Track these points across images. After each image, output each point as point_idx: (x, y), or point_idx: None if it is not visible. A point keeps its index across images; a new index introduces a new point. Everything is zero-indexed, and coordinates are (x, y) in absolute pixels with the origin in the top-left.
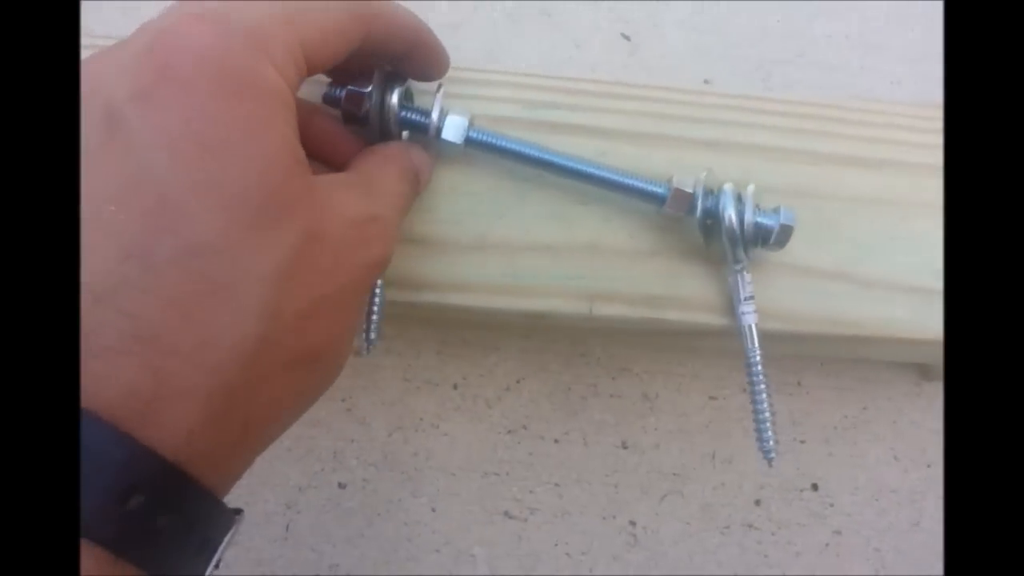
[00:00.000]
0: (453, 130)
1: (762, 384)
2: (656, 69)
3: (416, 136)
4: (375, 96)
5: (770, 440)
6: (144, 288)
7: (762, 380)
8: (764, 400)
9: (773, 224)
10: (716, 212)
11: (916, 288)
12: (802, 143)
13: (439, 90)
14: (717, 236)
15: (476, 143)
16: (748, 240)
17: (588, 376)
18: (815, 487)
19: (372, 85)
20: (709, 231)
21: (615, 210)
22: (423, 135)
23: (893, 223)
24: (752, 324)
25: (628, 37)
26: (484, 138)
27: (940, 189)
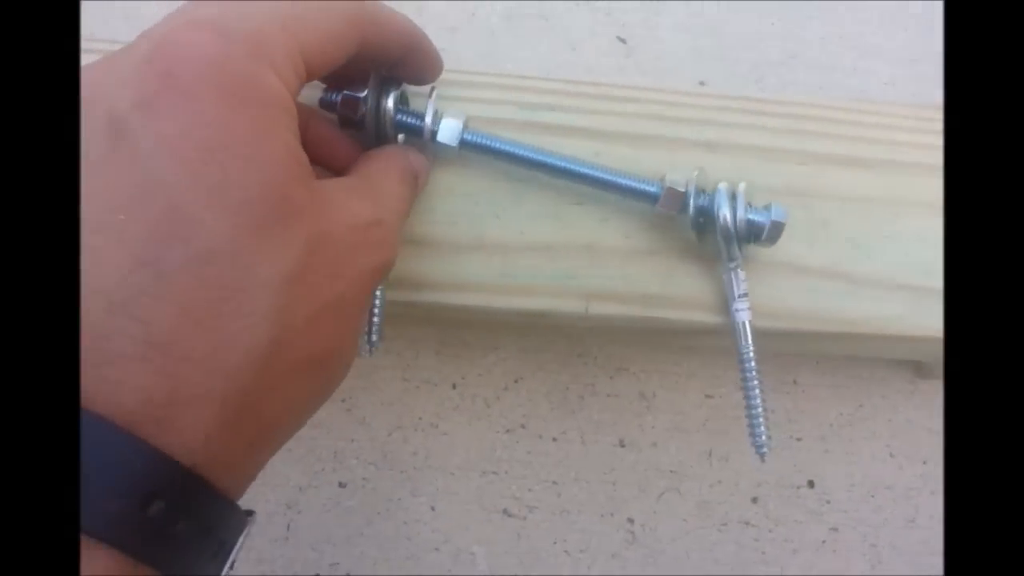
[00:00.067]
0: (448, 132)
1: (755, 380)
2: (652, 71)
3: (412, 139)
4: (371, 100)
5: (762, 435)
6: (157, 295)
7: (755, 376)
8: (757, 396)
9: (765, 221)
10: (709, 210)
11: (909, 286)
12: (796, 143)
13: (432, 93)
14: (710, 234)
15: (471, 145)
16: (741, 237)
17: (586, 375)
18: (811, 484)
19: (367, 89)
20: (702, 229)
21: (611, 210)
22: (419, 138)
23: (886, 222)
24: (746, 321)
25: (624, 40)
26: (479, 140)
27: (933, 188)
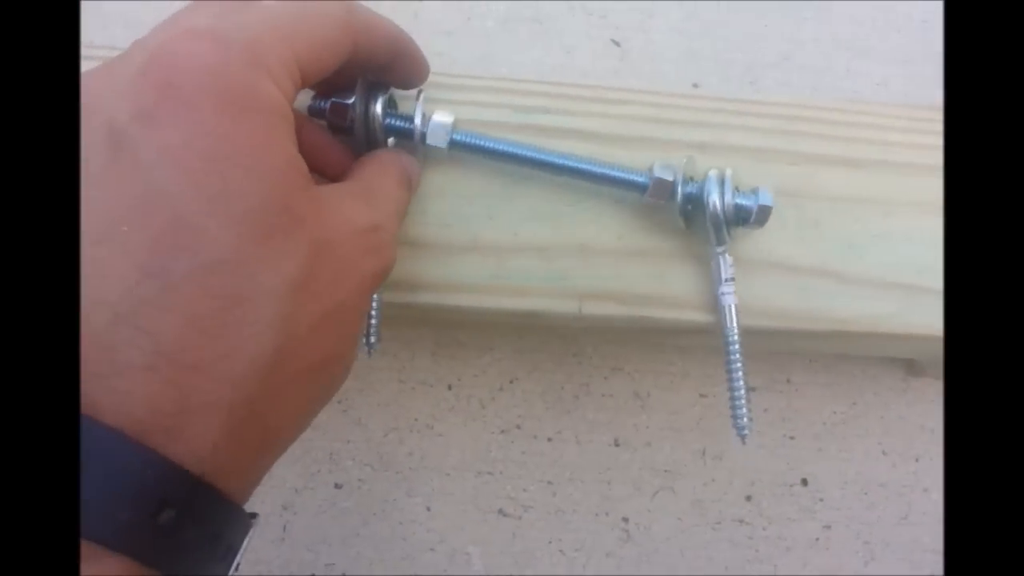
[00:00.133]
0: (437, 134)
1: (738, 363)
2: (646, 74)
3: (401, 141)
4: (359, 106)
5: (744, 417)
6: (163, 306)
7: (738, 359)
8: (740, 378)
9: (752, 204)
10: (697, 197)
11: (899, 284)
12: (788, 144)
13: (419, 96)
14: (699, 220)
15: (460, 145)
16: (729, 221)
17: (580, 376)
18: (805, 482)
19: (355, 96)
20: (690, 216)
21: (604, 211)
22: (409, 140)
23: (877, 221)
24: (731, 304)
25: (618, 43)
26: (468, 139)
27: (924, 188)
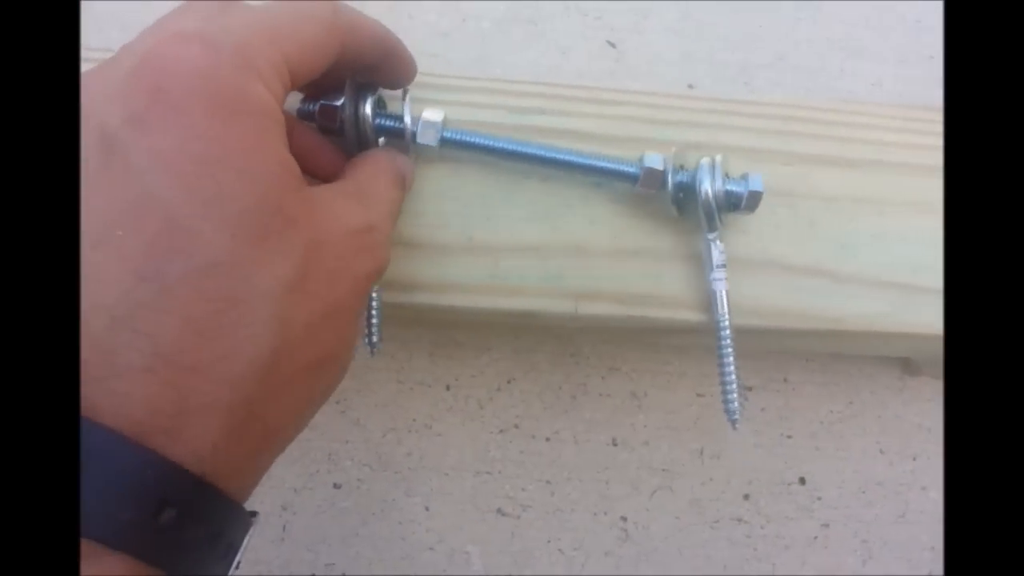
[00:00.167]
0: (427, 132)
1: (729, 348)
2: (641, 75)
3: (392, 141)
4: (348, 108)
5: (735, 402)
6: (160, 308)
7: (729, 344)
8: (731, 364)
9: (742, 191)
10: (688, 186)
11: (894, 283)
12: (782, 144)
13: (406, 95)
14: (691, 208)
15: (451, 142)
16: (721, 207)
17: (578, 376)
18: (802, 481)
19: (344, 97)
20: (682, 204)
21: (599, 212)
22: (400, 139)
23: (871, 220)
24: (722, 291)
25: (614, 44)
26: (458, 136)
27: (918, 187)
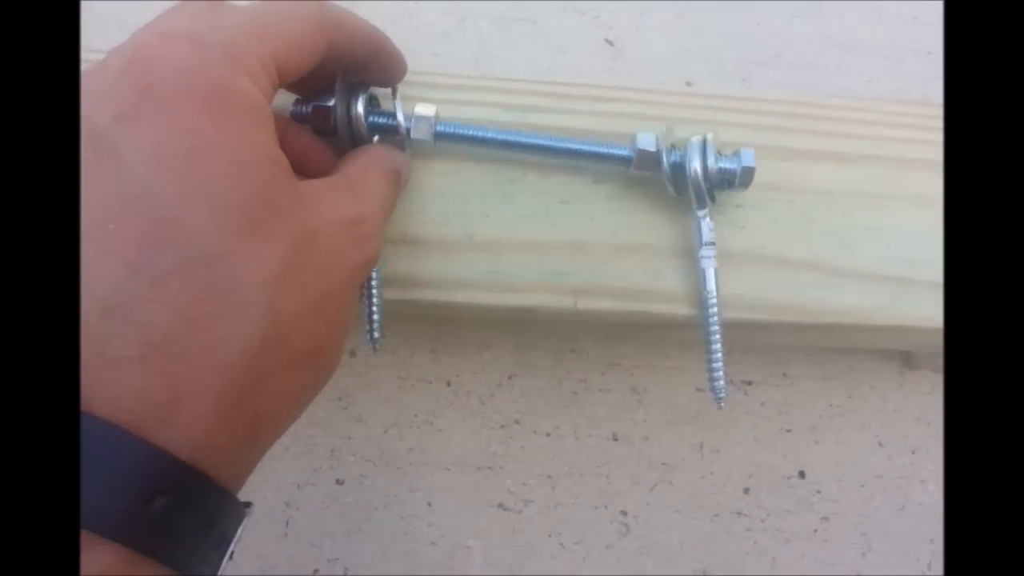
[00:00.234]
0: (421, 127)
1: (716, 326)
2: (639, 73)
3: (387, 138)
4: (340, 108)
5: (720, 380)
6: (152, 298)
7: (716, 322)
8: (718, 342)
9: (735, 167)
10: (681, 165)
11: (891, 277)
12: (780, 140)
13: (396, 93)
14: (685, 186)
15: (445, 136)
16: (714, 185)
17: (578, 371)
18: (802, 475)
19: (335, 98)
20: (677, 183)
21: (597, 208)
22: (394, 137)
23: (868, 215)
24: (710, 268)
25: (611, 42)
26: (452, 130)
27: (914, 181)
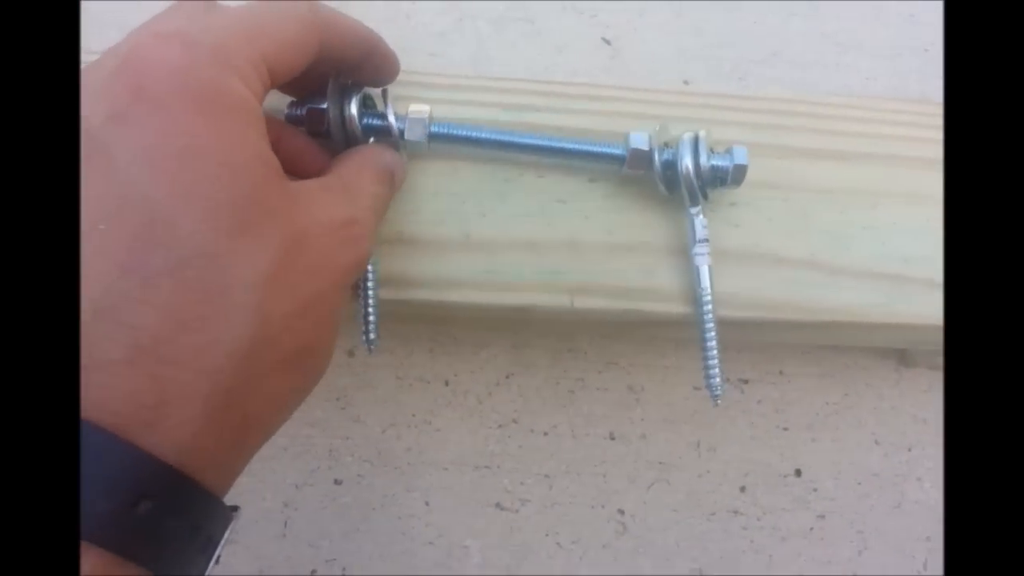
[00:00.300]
0: (415, 129)
1: (711, 323)
2: (637, 72)
3: (382, 139)
4: (334, 110)
5: (716, 378)
6: (142, 300)
7: (711, 319)
8: (713, 339)
9: (727, 165)
10: (673, 163)
11: (887, 275)
12: (776, 138)
13: (385, 95)
14: (678, 185)
15: (439, 136)
16: (706, 182)
17: (575, 370)
18: (798, 473)
19: (328, 100)
20: (670, 181)
21: (592, 207)
22: (389, 138)
23: (864, 212)
24: (705, 266)
25: (609, 41)
26: (446, 130)
27: (910, 179)
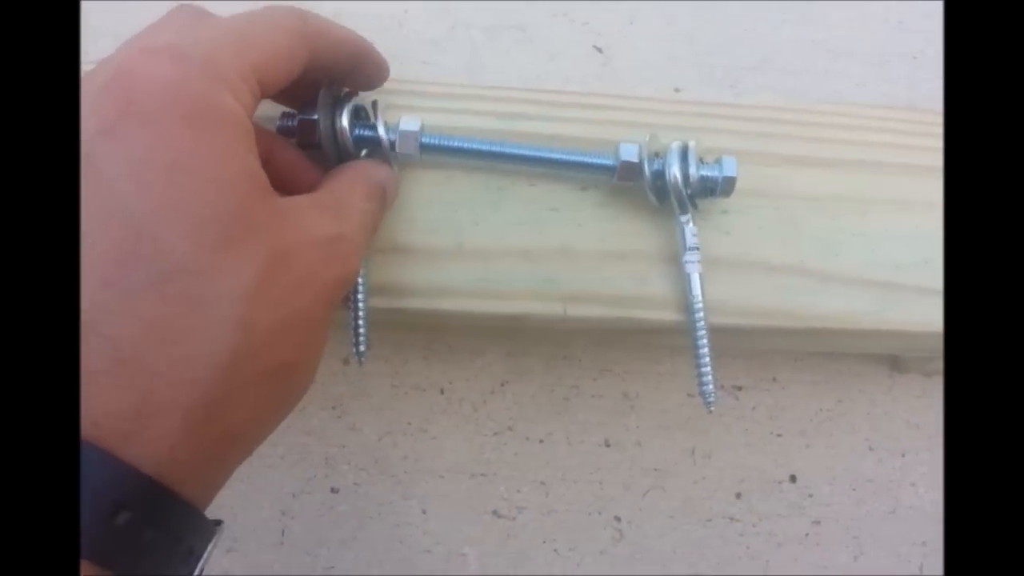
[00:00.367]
0: (407, 141)
1: (703, 330)
2: (628, 80)
3: (374, 151)
4: (325, 121)
5: (709, 384)
6: (123, 313)
7: (703, 326)
8: (705, 346)
9: (717, 175)
10: (662, 173)
11: (877, 282)
12: (766, 146)
13: (375, 107)
14: (668, 194)
15: (431, 148)
16: (696, 192)
17: (570, 377)
18: (793, 479)
19: (319, 111)
20: (660, 191)
21: (585, 215)
22: (380, 149)
23: (854, 219)
24: (696, 273)
25: (601, 49)
26: (438, 142)
27: (900, 186)
